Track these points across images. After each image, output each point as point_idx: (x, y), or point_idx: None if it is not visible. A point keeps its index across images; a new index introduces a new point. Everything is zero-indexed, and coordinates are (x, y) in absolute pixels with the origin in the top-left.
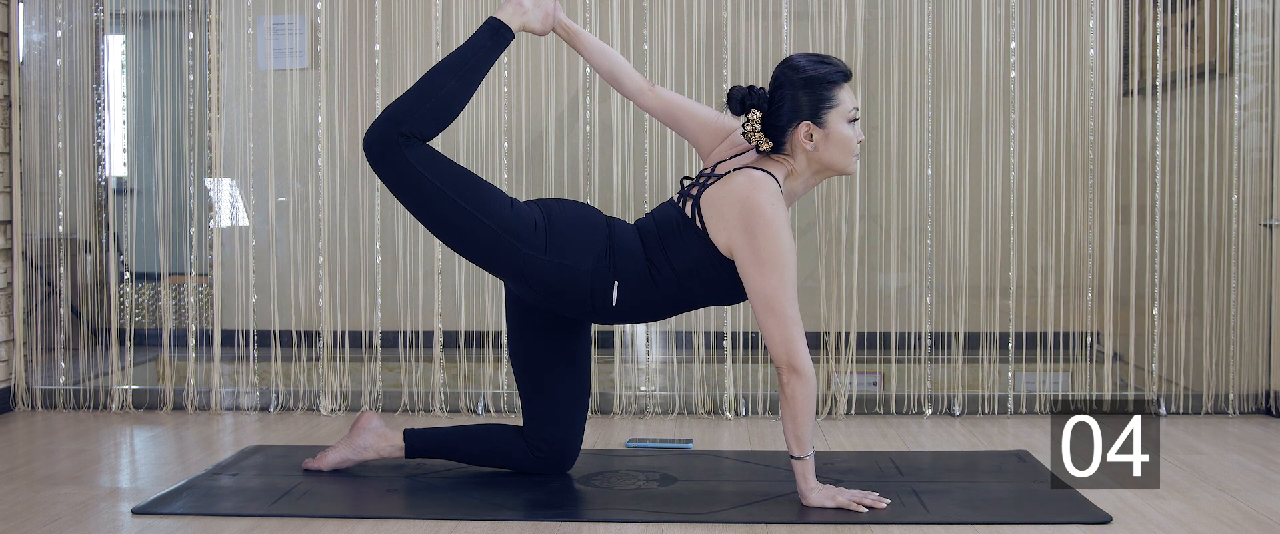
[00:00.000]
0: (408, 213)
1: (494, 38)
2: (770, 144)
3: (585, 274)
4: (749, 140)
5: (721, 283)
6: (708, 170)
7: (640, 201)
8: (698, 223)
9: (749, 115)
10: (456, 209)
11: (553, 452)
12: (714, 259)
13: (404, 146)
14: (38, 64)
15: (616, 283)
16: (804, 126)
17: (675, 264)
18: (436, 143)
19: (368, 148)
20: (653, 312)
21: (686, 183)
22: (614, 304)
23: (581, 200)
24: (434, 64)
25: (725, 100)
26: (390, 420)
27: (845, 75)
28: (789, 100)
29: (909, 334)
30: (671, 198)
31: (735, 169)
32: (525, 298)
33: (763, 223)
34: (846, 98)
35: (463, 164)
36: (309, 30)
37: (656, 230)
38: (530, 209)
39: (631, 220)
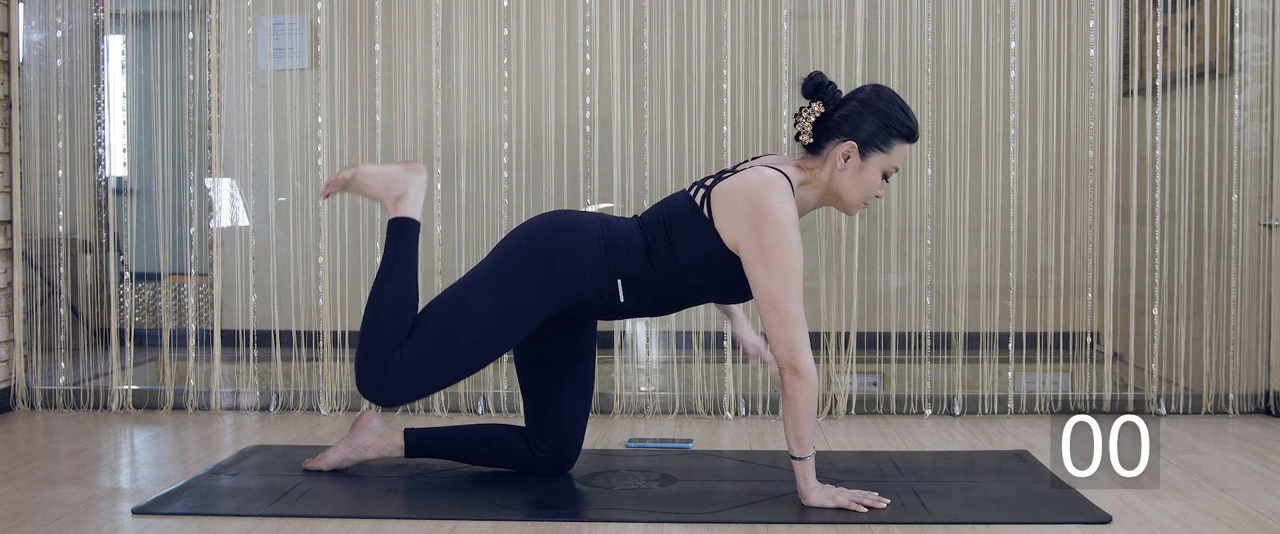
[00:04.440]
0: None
1: (401, 231)
2: (811, 140)
3: (590, 283)
4: (797, 126)
5: (725, 278)
6: (728, 169)
7: (640, 201)
8: (706, 211)
9: (811, 104)
10: (461, 341)
11: (553, 452)
12: (719, 252)
13: (388, 365)
14: (38, 64)
15: (619, 281)
16: (848, 144)
17: (680, 256)
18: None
19: (370, 397)
20: (662, 307)
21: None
22: (623, 301)
23: (564, 208)
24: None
25: (802, 79)
26: (390, 420)
27: (914, 135)
28: (856, 114)
29: (909, 334)
30: (684, 188)
31: (751, 166)
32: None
33: (771, 220)
34: (899, 154)
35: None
36: (309, 30)
37: (663, 221)
38: (511, 260)
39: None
